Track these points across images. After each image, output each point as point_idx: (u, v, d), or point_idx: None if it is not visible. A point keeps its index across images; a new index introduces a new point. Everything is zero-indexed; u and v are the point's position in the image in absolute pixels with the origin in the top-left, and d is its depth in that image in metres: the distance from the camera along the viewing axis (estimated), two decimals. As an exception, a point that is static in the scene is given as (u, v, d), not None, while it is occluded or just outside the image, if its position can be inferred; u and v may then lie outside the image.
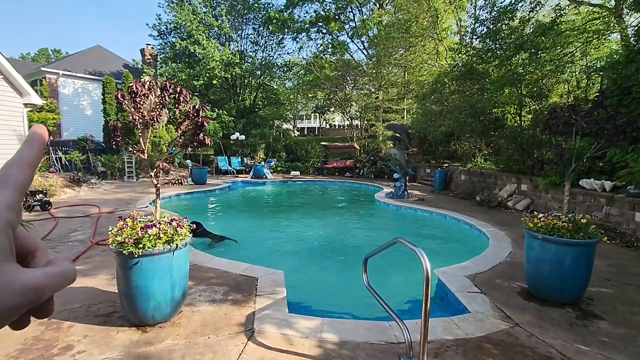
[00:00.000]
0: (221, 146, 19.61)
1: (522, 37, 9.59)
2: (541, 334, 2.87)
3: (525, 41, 9.33)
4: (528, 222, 3.63)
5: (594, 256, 3.41)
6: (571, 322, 3.10)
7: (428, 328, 2.25)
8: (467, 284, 3.91)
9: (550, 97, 10.53)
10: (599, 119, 3.63)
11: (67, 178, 11.29)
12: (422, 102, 14.64)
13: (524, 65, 9.92)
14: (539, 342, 2.75)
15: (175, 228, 2.96)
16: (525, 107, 10.54)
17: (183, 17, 20.03)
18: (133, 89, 2.73)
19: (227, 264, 4.46)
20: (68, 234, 5.90)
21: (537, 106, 10.15)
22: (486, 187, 10.69)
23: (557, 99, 10.93)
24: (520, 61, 10.07)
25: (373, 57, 21.22)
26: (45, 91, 18.15)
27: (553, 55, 9.56)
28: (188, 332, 2.82)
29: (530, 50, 9.40)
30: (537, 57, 9.48)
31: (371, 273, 3.33)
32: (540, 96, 9.93)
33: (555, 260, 3.39)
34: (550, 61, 9.49)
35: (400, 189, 10.78)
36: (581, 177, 7.41)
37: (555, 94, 10.93)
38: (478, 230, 6.78)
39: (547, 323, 3.06)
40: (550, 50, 9.46)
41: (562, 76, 10.29)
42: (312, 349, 2.60)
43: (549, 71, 9.63)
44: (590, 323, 3.08)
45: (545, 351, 2.62)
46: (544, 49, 9.39)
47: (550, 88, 10.24)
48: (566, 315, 3.23)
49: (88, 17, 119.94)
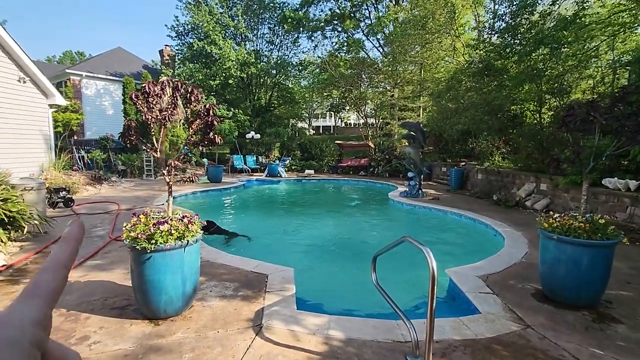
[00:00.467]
0: (237, 145, 19.87)
1: (542, 32, 9.30)
2: (554, 336, 2.79)
3: (546, 36, 9.04)
4: (543, 222, 3.54)
5: (612, 258, 3.29)
6: (587, 325, 3.00)
7: (434, 327, 2.23)
8: (479, 284, 3.85)
9: (573, 93, 10.17)
10: (620, 116, 3.49)
11: (89, 176, 11.71)
12: (437, 100, 14.41)
13: (545, 61, 9.62)
14: (551, 344, 2.68)
15: (186, 225, 3.03)
16: (545, 104, 10.23)
17: (200, 18, 20.37)
18: (146, 90, 2.82)
19: (238, 261, 4.54)
20: (89, 229, 6.12)
21: (558, 103, 9.83)
22: (504, 187, 10.44)
23: (579, 95, 10.55)
24: (541, 56, 9.77)
25: (389, 54, 21.01)
26: (69, 92, 18.84)
27: (575, 49, 9.23)
28: (198, 326, 2.89)
29: (551, 45, 9.10)
30: (558, 52, 9.17)
31: (383, 272, 3.32)
32: (561, 92, 9.60)
33: (571, 262, 3.29)
34: (572, 56, 9.17)
35: (414, 188, 10.66)
36: (604, 176, 7.13)
37: (578, 90, 10.55)
38: (494, 230, 6.64)
39: (561, 326, 2.98)
40: (572, 44, 9.13)
41: (585, 71, 9.91)
42: (319, 346, 2.62)
43: (571, 66, 9.30)
44: (608, 327, 2.97)
45: (558, 354, 2.55)
46: (565, 44, 9.08)
47: (572, 84, 9.89)
48: (582, 318, 3.13)
49: (110, 20, 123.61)
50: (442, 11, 16.28)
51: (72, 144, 15.21)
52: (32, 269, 4.19)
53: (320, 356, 2.50)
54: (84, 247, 5.09)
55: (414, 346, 2.48)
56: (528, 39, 9.75)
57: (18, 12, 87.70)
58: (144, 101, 2.90)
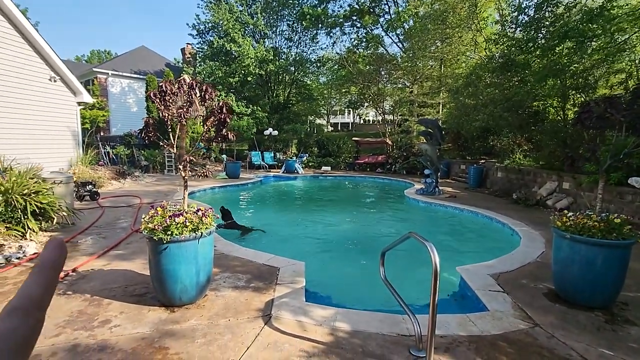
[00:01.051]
0: (255, 141, 20.17)
1: (567, 25, 8.96)
2: (563, 336, 2.77)
3: (571, 29, 8.70)
4: (556, 221, 3.48)
5: (629, 258, 3.20)
6: (599, 326, 2.95)
7: (437, 322, 2.26)
8: (489, 282, 3.82)
9: (600, 89, 9.76)
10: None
11: (113, 171, 12.21)
12: (456, 96, 14.14)
13: (569, 55, 9.27)
14: (559, 343, 2.66)
15: (200, 217, 3.17)
16: (569, 100, 9.87)
17: (220, 16, 20.72)
18: (162, 89, 2.96)
19: (252, 254, 4.68)
20: (113, 221, 6.44)
21: (583, 98, 9.46)
22: (524, 185, 10.17)
23: (607, 91, 10.11)
24: (565, 51, 9.42)
25: (408, 50, 20.74)
26: (96, 90, 19.64)
27: (603, 43, 8.85)
28: (211, 314, 3.03)
29: (577, 39, 8.76)
30: (584, 45, 8.82)
31: (393, 268, 3.37)
32: (586, 88, 9.24)
33: (585, 262, 3.23)
34: (599, 50, 8.80)
35: (431, 186, 10.55)
36: (631, 175, 6.85)
37: (607, 85, 10.10)
38: (510, 229, 6.52)
39: (571, 325, 2.94)
40: (599, 37, 8.76)
41: (613, 66, 9.48)
42: (324, 336, 2.70)
43: (598, 60, 8.93)
44: (620, 328, 2.91)
45: (565, 353, 2.53)
46: (592, 37, 8.71)
47: (599, 79, 9.50)
48: (594, 319, 3.07)
49: (135, 19, 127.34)
50: (464, 5, 15.92)
51: (99, 140, 15.87)
52: (60, 257, 4.46)
53: (326, 346, 2.58)
54: (108, 238, 5.37)
55: (418, 340, 2.52)
56: (552, 32, 9.42)
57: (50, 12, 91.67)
58: (161, 99, 3.05)
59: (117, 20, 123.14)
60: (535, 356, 2.50)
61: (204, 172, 3.44)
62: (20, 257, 4.31)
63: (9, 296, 3.29)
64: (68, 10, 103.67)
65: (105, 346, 2.54)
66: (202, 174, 3.42)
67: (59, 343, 2.56)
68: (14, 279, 3.72)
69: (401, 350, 2.55)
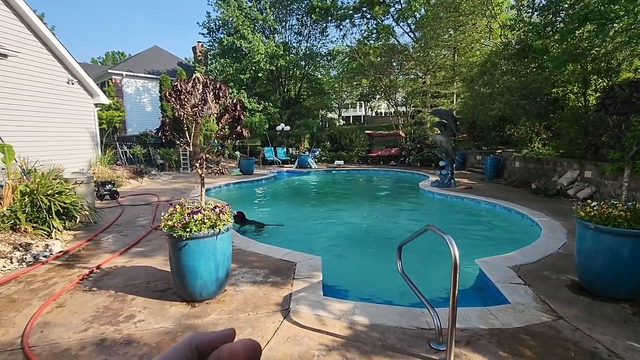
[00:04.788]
0: (267, 137, 20.26)
1: (588, 7, 8.60)
2: (588, 328, 2.70)
3: (592, 11, 8.35)
4: (579, 211, 3.38)
5: (657, 248, 3.08)
6: (626, 318, 2.86)
7: (457, 315, 2.24)
8: (510, 274, 3.75)
9: (623, 73, 9.37)
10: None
11: (131, 170, 12.49)
12: (471, 85, 13.82)
13: (590, 39, 8.91)
14: (584, 336, 2.59)
15: (217, 214, 3.22)
16: (590, 85, 9.51)
17: (230, 13, 20.75)
18: (177, 88, 3.00)
19: (268, 249, 4.72)
20: (133, 219, 6.60)
21: (605, 83, 9.10)
22: (544, 175, 9.91)
23: (631, 75, 9.69)
24: (586, 34, 9.06)
25: (420, 39, 20.35)
26: (111, 91, 20.04)
27: (626, 24, 8.46)
28: (231, 309, 3.08)
29: (598, 21, 8.40)
30: (606, 28, 8.46)
31: (411, 261, 3.34)
32: (609, 72, 8.88)
33: (610, 252, 3.13)
34: (622, 32, 8.42)
35: (446, 177, 10.40)
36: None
37: (630, 69, 9.68)
38: (530, 220, 6.38)
39: (596, 318, 2.86)
40: (621, 19, 8.38)
41: (638, 48, 9.06)
42: (343, 330, 2.71)
43: (620, 43, 8.55)
44: (649, 320, 2.82)
45: (591, 346, 2.47)
46: (614, 19, 8.34)
47: (622, 62, 9.11)
48: (621, 311, 2.98)
49: (146, 19, 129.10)
50: (477, -10, 15.46)
51: (116, 140, 16.23)
52: (84, 255, 4.62)
53: (345, 340, 2.59)
54: (128, 235, 5.51)
55: (437, 333, 2.50)
56: (571, 15, 9.05)
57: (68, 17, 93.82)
58: (176, 98, 3.09)
59: (130, 22, 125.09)
60: (559, 349, 2.45)
61: (219, 169, 3.47)
62: (47, 255, 4.47)
63: (38, 293, 3.42)
64: (82, 13, 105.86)
65: (130, 340, 2.61)
66: (218, 171, 3.46)
67: (87, 338, 2.65)
68: (42, 276, 3.86)
69: (421, 343, 2.54)
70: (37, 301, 3.25)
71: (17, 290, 3.50)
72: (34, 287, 3.59)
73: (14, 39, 8.41)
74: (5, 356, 2.44)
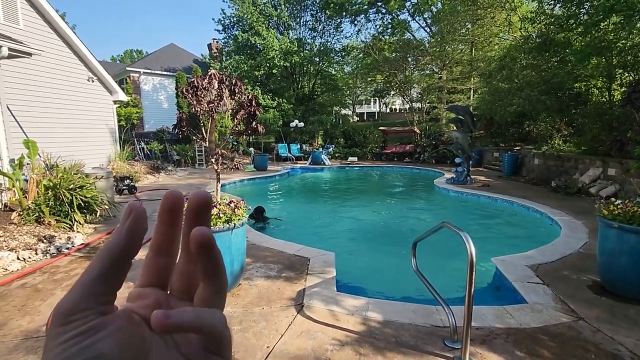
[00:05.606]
0: (281, 134, 20.34)
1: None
2: (610, 330, 2.62)
3: (618, 2, 8.01)
4: (602, 209, 3.27)
5: (686, 249, 2.96)
6: (651, 321, 2.76)
7: (472, 313, 2.20)
8: (527, 274, 3.67)
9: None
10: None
11: (148, 166, 12.76)
12: (489, 80, 13.51)
13: (616, 31, 8.56)
14: (605, 338, 2.52)
15: (233, 209, 3.25)
16: (615, 80, 9.15)
17: (244, 9, 20.85)
18: (194, 84, 3.03)
19: (282, 245, 4.75)
20: (150, 214, 6.59)
21: (632, 77, 8.74)
22: (564, 172, 9.61)
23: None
24: (611, 26, 8.71)
25: (436, 34, 19.99)
26: (129, 88, 20.46)
27: (654, 15, 8.08)
28: (245, 303, 3.13)
29: (625, 12, 8.06)
30: (632, 20, 8.11)
31: (425, 258, 3.31)
32: (636, 65, 8.52)
33: (635, 252, 3.02)
34: (650, 23, 8.06)
35: (462, 174, 10.22)
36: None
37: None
38: (549, 219, 6.21)
39: (619, 320, 2.77)
40: (650, 9, 8.01)
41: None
42: (357, 326, 2.71)
43: (649, 35, 8.19)
44: (676, 324, 2.71)
45: (613, 348, 2.40)
46: (642, 10, 7.98)
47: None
48: (646, 313, 2.88)
49: (164, 17, 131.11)
50: (496, -17, 15.05)
51: (134, 136, 16.60)
52: (104, 247, 4.75)
53: (358, 335, 2.59)
54: (146, 229, 5.63)
55: (452, 331, 2.48)
56: (596, 7, 8.71)
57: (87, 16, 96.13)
58: (193, 95, 3.13)
59: (149, 21, 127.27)
60: (579, 351, 2.38)
61: (234, 165, 3.51)
62: (69, 247, 4.63)
63: (61, 283, 3.55)
64: (103, 11, 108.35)
65: (148, 331, 2.68)
66: (233, 166, 3.50)
67: (107, 327, 2.73)
68: (65, 267, 4.00)
69: (435, 341, 2.51)
70: (60, 291, 3.37)
71: (41, 280, 3.63)
72: (57, 277, 3.72)
73: (38, 38, 8.67)
74: (32, 342, 2.54)
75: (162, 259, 0.31)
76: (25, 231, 4.72)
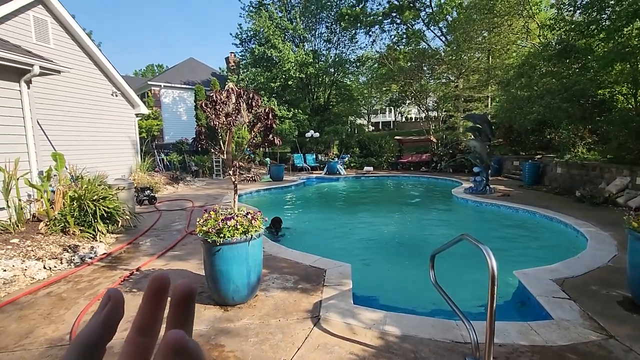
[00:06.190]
0: (297, 144, 20.50)
1: (636, 2, 8.04)
2: (644, 350, 2.47)
3: (642, 6, 7.79)
4: (632, 221, 3.13)
5: None
6: (689, 340, 2.60)
7: (494, 329, 2.13)
8: (553, 288, 3.53)
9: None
10: None
11: (167, 176, 13.07)
12: (507, 89, 13.29)
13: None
14: (639, 358, 2.38)
15: (250, 220, 3.29)
16: (642, 85, 8.83)
17: (261, 24, 21.36)
18: (213, 98, 3.11)
19: (298, 256, 4.75)
20: (169, 224, 6.89)
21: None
22: (589, 181, 9.28)
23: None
24: (635, 31, 8.45)
25: (452, 43, 19.89)
26: (150, 101, 21.15)
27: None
28: (262, 314, 3.12)
29: (650, 16, 7.82)
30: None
31: (443, 270, 3.24)
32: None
33: (669, 267, 2.87)
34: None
35: (481, 184, 10.01)
36: None
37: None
38: (575, 231, 5.99)
39: (654, 339, 2.62)
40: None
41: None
42: (374, 340, 2.66)
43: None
44: None
45: (648, 370, 2.27)
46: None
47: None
48: (683, 332, 2.71)
49: (185, 32, 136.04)
50: (513, -10, 14.91)
51: (154, 147, 17.07)
52: (125, 257, 4.87)
53: (376, 350, 2.54)
54: (165, 239, 5.75)
55: (474, 348, 2.40)
56: (619, 12, 8.50)
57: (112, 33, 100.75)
58: (212, 108, 3.21)
59: (170, 35, 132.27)
60: (611, 371, 2.26)
61: (252, 176, 3.56)
62: (92, 257, 4.76)
63: (84, 292, 3.65)
64: (127, 28, 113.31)
65: (167, 341, 2.71)
66: (251, 178, 3.55)
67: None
68: (88, 277, 4.11)
69: (456, 357, 2.44)
70: (84, 300, 3.46)
71: (66, 289, 3.74)
72: (81, 286, 3.82)
73: (66, 55, 9.12)
74: (56, 351, 2.61)
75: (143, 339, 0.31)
76: (52, 241, 4.89)
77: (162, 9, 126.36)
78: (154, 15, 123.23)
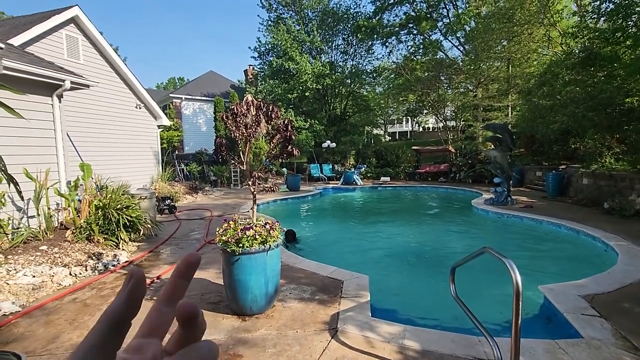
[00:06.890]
0: (313, 154, 20.63)
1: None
2: (684, 374, 2.32)
3: (671, 11, 7.55)
4: (666, 235, 2.97)
5: None
6: None
7: (520, 346, 2.05)
8: (581, 304, 3.37)
9: None
10: None
11: (187, 186, 13.36)
12: (528, 98, 13.00)
13: (670, 42, 8.01)
14: (679, 383, 2.23)
15: (268, 230, 3.31)
16: (672, 93, 8.48)
17: (279, 37, 21.84)
18: (234, 110, 3.20)
19: (315, 266, 4.73)
20: (188, 233, 7.01)
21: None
22: (618, 193, 8.88)
23: None
24: (664, 37, 8.17)
25: (470, 52, 19.71)
26: (172, 113, 21.83)
27: None
28: (279, 325, 3.12)
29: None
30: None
31: (464, 284, 3.16)
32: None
33: None
34: None
35: (502, 195, 9.75)
36: None
37: None
38: (603, 244, 5.73)
39: (695, 362, 2.45)
40: None
41: None
42: (393, 354, 2.61)
43: None
44: None
45: (689, 396, 2.12)
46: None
47: None
48: None
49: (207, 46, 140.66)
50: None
51: (174, 158, 17.53)
52: (146, 265, 4.98)
53: (395, 365, 2.48)
54: (185, 248, 5.85)
55: (498, 366, 2.30)
56: (645, 18, 8.26)
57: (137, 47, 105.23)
58: (232, 121, 3.29)
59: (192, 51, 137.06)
60: (648, 396, 2.13)
61: (270, 186, 3.60)
62: (115, 264, 4.90)
63: (108, 299, 3.74)
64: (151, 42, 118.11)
65: (186, 350, 2.73)
66: (269, 188, 3.59)
67: (148, 344, 2.82)
68: (111, 284, 4.22)
69: (479, 376, 2.35)
70: (106, 306, 3.54)
71: (90, 296, 3.85)
72: (104, 293, 3.93)
73: (94, 70, 9.57)
74: (80, 357, 2.67)
75: (167, 309, 0.33)
76: (77, 248, 5.06)
77: (183, 24, 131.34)
78: (174, 29, 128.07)
